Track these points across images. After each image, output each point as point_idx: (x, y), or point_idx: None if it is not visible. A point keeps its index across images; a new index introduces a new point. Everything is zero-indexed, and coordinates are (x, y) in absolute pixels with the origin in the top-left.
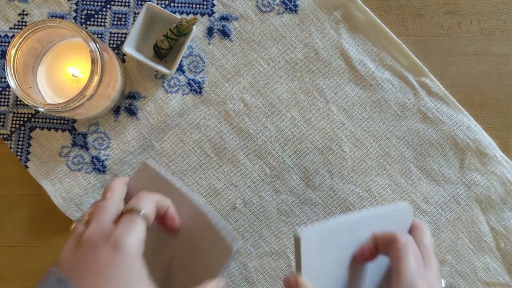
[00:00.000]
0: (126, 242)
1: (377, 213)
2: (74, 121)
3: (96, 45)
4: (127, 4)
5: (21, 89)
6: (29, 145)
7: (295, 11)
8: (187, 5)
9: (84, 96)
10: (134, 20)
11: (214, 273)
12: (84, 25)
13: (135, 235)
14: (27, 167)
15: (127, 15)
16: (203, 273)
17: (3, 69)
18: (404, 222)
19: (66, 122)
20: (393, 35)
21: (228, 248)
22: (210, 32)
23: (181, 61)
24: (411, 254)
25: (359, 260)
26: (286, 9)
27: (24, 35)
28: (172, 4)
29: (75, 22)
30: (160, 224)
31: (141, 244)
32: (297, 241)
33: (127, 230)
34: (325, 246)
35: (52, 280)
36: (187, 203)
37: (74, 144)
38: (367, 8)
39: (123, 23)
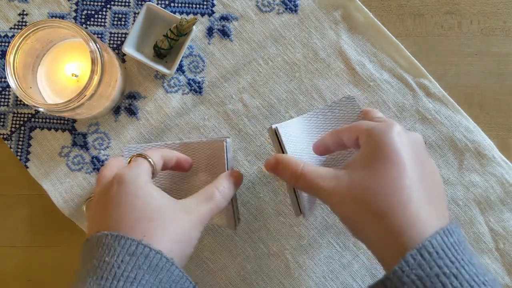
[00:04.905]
0: (126, 176)
1: (327, 108)
2: (74, 121)
3: (96, 45)
4: (127, 4)
5: (21, 89)
6: (29, 145)
7: (295, 11)
8: (187, 5)
9: (84, 96)
10: (134, 20)
11: (223, 169)
12: (84, 25)
13: (136, 169)
14: (27, 167)
15: (127, 15)
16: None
17: (3, 69)
18: (353, 110)
19: (66, 122)
20: (392, 36)
21: (221, 143)
22: (210, 32)
23: (181, 61)
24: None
25: (320, 153)
26: (286, 9)
27: (24, 35)
28: (172, 4)
29: (75, 22)
30: (175, 170)
31: (145, 175)
32: (273, 133)
33: (128, 168)
34: (294, 135)
35: (93, 246)
36: (176, 148)
37: (74, 144)
38: (366, 9)
39: (123, 23)
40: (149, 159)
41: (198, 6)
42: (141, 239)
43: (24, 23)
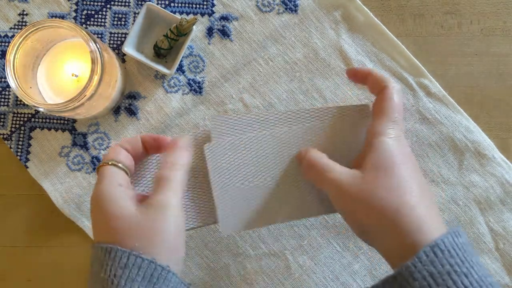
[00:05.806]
0: (95, 194)
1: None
2: (74, 121)
3: (96, 45)
4: (127, 4)
5: (21, 89)
6: (29, 145)
7: (295, 11)
8: (187, 5)
9: (84, 96)
10: (134, 20)
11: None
12: (84, 25)
13: (102, 184)
14: (27, 167)
15: (127, 15)
16: None
17: (3, 69)
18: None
19: (66, 122)
20: (392, 36)
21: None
22: (210, 32)
23: (181, 61)
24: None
25: (350, 77)
26: (286, 9)
27: (24, 35)
28: (172, 4)
29: (75, 22)
30: (161, 151)
31: (111, 185)
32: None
33: (96, 183)
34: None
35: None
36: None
37: (74, 144)
38: (366, 9)
39: (123, 23)
40: (111, 163)
41: (198, 6)
42: (132, 248)
43: (24, 23)
